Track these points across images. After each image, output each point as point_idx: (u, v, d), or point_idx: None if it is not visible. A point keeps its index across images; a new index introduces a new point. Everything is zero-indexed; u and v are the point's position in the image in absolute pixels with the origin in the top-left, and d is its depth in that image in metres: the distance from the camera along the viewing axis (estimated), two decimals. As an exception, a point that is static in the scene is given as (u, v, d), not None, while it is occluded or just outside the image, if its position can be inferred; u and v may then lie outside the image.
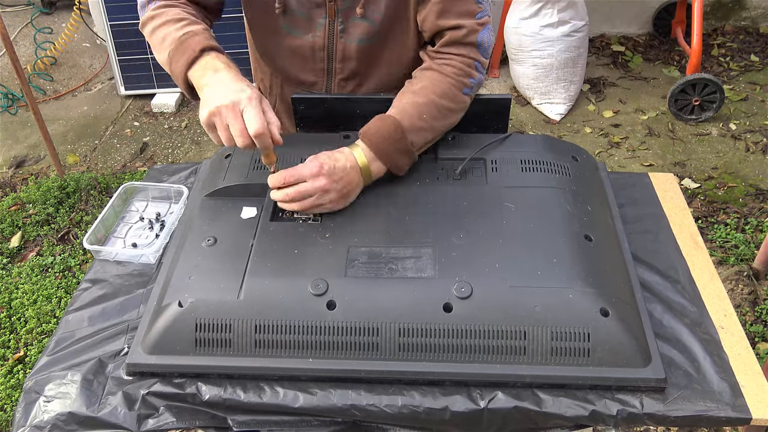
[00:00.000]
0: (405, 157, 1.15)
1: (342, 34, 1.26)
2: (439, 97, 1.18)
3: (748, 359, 1.01)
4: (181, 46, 1.13)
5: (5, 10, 4.37)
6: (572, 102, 3.43)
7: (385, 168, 1.15)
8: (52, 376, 1.03)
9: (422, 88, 1.19)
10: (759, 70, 3.68)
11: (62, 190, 2.94)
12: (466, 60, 1.21)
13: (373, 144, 1.13)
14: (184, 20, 1.18)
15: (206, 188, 1.22)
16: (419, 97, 1.18)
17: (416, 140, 1.16)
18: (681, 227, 1.27)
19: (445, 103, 1.18)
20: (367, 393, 0.97)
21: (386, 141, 1.13)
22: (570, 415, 0.94)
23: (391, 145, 1.13)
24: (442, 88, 1.19)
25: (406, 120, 1.15)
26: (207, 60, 1.11)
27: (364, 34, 1.26)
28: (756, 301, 2.33)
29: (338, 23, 1.26)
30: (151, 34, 1.21)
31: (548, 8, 3.19)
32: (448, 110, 1.19)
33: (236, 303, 0.99)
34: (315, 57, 1.31)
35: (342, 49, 1.29)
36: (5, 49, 2.62)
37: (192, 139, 3.41)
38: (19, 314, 2.42)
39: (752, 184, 2.89)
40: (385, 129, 1.13)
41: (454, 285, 0.97)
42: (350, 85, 1.35)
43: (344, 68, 1.32)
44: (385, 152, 1.13)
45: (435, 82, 1.19)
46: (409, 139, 1.14)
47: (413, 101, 1.17)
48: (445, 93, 1.19)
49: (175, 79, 1.16)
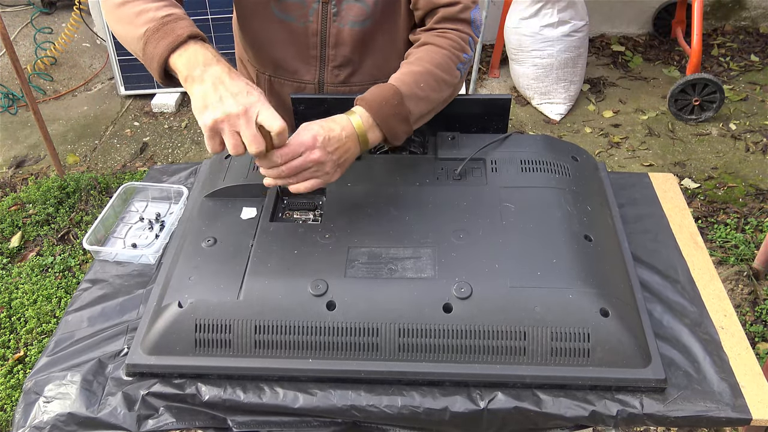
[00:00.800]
0: (402, 125, 1.12)
1: (335, 17, 1.26)
2: (436, 67, 1.17)
3: (748, 359, 1.01)
4: (164, 28, 1.05)
5: (5, 10, 4.37)
6: (572, 102, 3.43)
7: (381, 136, 1.12)
8: (52, 376, 1.03)
9: (418, 59, 1.18)
10: (759, 70, 3.68)
11: (62, 190, 2.94)
12: (460, 35, 1.21)
13: (372, 108, 1.09)
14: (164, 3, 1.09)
15: (206, 189, 1.22)
16: (416, 66, 1.17)
17: (414, 109, 1.13)
18: (681, 227, 1.27)
19: (440, 73, 1.17)
20: (367, 393, 0.97)
21: (385, 106, 1.10)
22: (570, 416, 0.94)
23: (390, 110, 1.10)
24: (438, 60, 1.18)
25: (405, 87, 1.13)
26: (195, 49, 1.03)
27: (358, 17, 1.26)
28: (756, 301, 2.33)
29: (331, 6, 1.25)
30: (120, 5, 1.10)
31: (548, 8, 3.19)
32: (443, 82, 1.18)
33: (236, 303, 0.99)
34: (308, 43, 1.31)
35: (335, 33, 1.28)
36: (5, 49, 2.62)
37: (192, 139, 3.41)
38: (19, 314, 2.42)
39: (752, 184, 2.89)
40: (384, 94, 1.11)
41: (453, 285, 0.97)
42: (343, 74, 1.34)
43: (337, 55, 1.32)
44: (383, 117, 1.10)
45: (431, 53, 1.19)
46: (407, 106, 1.12)
47: (410, 70, 1.16)
48: (440, 64, 1.17)
49: (148, 59, 1.07)
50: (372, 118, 1.10)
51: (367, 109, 1.10)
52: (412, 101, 1.12)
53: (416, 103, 1.13)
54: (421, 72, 1.16)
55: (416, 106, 1.13)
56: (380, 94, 1.11)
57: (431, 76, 1.16)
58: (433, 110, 1.19)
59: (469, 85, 3.29)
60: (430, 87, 1.15)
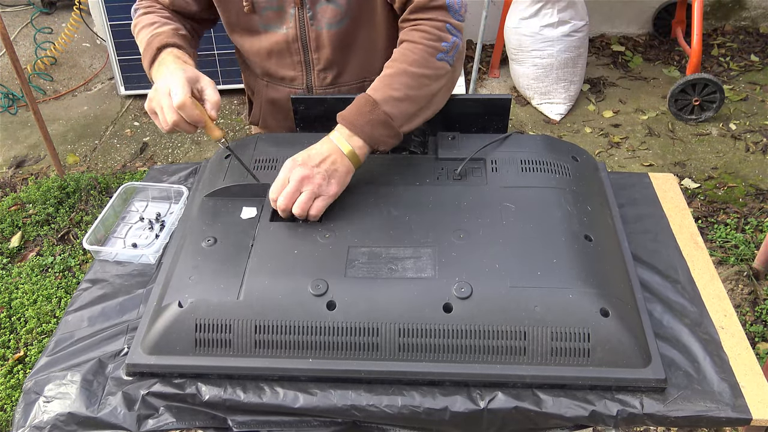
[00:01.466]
0: (383, 129, 1.14)
1: (312, 21, 1.27)
2: (410, 65, 1.17)
3: (748, 359, 1.01)
4: (147, 48, 1.25)
5: (5, 10, 4.37)
6: (572, 102, 3.43)
7: (363, 143, 1.14)
8: (52, 376, 1.03)
9: (392, 61, 1.20)
10: (759, 70, 3.68)
11: (62, 190, 2.94)
12: (435, 23, 1.19)
13: (346, 120, 1.13)
14: (155, 23, 1.30)
15: (206, 188, 1.22)
16: (389, 70, 1.18)
17: (393, 111, 1.14)
18: (681, 227, 1.27)
19: (417, 70, 1.17)
20: (367, 393, 0.97)
21: (358, 115, 1.13)
22: (570, 416, 0.94)
23: (364, 118, 1.13)
24: (412, 57, 1.18)
25: (377, 93, 1.14)
26: (162, 56, 1.22)
27: (333, 17, 1.27)
28: (756, 301, 2.33)
29: (306, 10, 1.27)
30: (137, 40, 1.33)
31: (548, 8, 3.19)
32: (423, 77, 1.17)
33: (236, 303, 0.99)
34: (291, 49, 1.32)
35: (315, 37, 1.30)
36: (5, 49, 2.62)
37: (192, 139, 3.41)
38: (19, 314, 2.42)
39: (752, 184, 2.89)
40: (356, 104, 1.14)
41: (454, 285, 0.97)
42: (330, 76, 1.36)
43: (320, 58, 1.33)
44: (359, 126, 1.13)
45: (405, 53, 1.19)
46: (383, 109, 1.13)
47: (383, 75, 1.18)
48: (416, 61, 1.17)
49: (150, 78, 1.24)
50: (348, 129, 1.13)
51: (342, 121, 1.14)
52: (388, 104, 1.14)
53: (394, 105, 1.14)
54: (394, 74, 1.17)
55: (395, 107, 1.14)
56: (354, 105, 1.15)
57: (406, 75, 1.16)
58: (424, 107, 1.19)
59: (469, 85, 3.29)
60: (407, 85, 1.15)
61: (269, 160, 1.23)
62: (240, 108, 3.62)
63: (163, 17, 1.32)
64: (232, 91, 3.60)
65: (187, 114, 1.12)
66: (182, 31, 1.31)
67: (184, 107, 1.11)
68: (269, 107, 1.46)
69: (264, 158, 1.23)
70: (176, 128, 1.13)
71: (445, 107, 1.25)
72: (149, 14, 1.33)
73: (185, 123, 1.13)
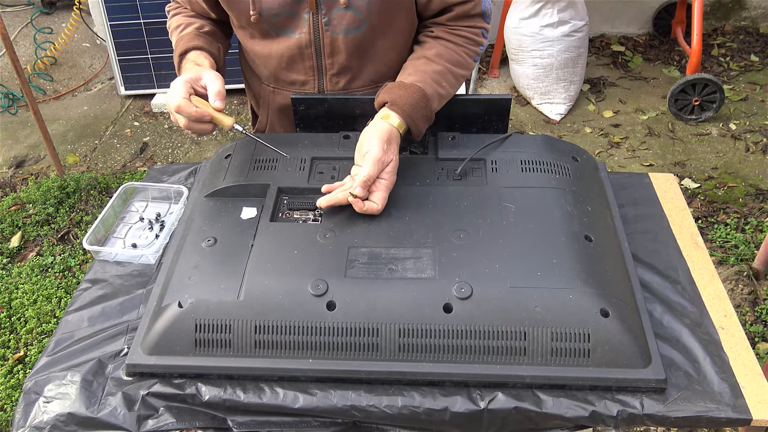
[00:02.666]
0: (427, 123, 1.21)
1: (327, 26, 1.26)
2: (455, 65, 1.25)
3: (748, 360, 1.01)
4: (175, 55, 1.29)
5: (5, 10, 4.37)
6: (572, 102, 3.43)
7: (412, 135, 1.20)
8: (52, 376, 1.03)
9: (437, 55, 1.25)
10: (759, 70, 3.68)
11: (62, 190, 2.94)
12: (475, 30, 1.28)
13: (405, 112, 1.17)
14: (180, 26, 1.32)
15: (206, 188, 1.22)
16: (436, 65, 1.24)
17: (437, 107, 1.23)
18: (681, 227, 1.26)
19: (459, 71, 1.26)
20: (367, 394, 0.97)
21: (416, 109, 1.18)
22: (570, 416, 0.94)
23: (419, 112, 1.18)
24: (456, 58, 1.26)
25: (429, 88, 1.20)
26: (183, 64, 1.26)
27: (351, 24, 1.25)
28: (756, 301, 2.33)
29: (321, 16, 1.25)
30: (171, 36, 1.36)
31: (548, 8, 3.19)
32: (461, 77, 1.27)
33: (236, 303, 0.98)
34: (303, 55, 1.31)
35: (329, 42, 1.28)
36: (5, 49, 2.62)
37: (192, 139, 3.41)
38: (19, 314, 2.42)
39: (752, 184, 2.89)
40: (414, 98, 1.18)
41: (454, 285, 0.97)
42: (342, 81, 1.35)
43: (334, 63, 1.32)
44: (414, 120, 1.18)
45: (450, 51, 1.26)
46: (433, 106, 1.20)
47: (432, 69, 1.23)
48: (459, 62, 1.26)
49: None
50: (405, 122, 1.17)
51: (400, 113, 1.17)
52: (435, 101, 1.21)
53: (439, 101, 1.23)
54: (442, 71, 1.23)
55: (439, 103, 1.23)
56: (410, 99, 1.18)
57: (451, 75, 1.24)
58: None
59: (469, 85, 3.29)
60: (450, 84, 1.24)
61: (269, 160, 1.23)
62: (240, 108, 3.62)
63: (187, 17, 1.35)
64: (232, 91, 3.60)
65: (186, 114, 1.13)
66: (206, 28, 1.34)
67: (181, 109, 1.13)
68: (277, 114, 1.45)
69: (264, 158, 1.23)
70: (193, 130, 1.15)
71: (445, 107, 1.25)
72: (176, 16, 1.37)
73: (194, 123, 1.15)
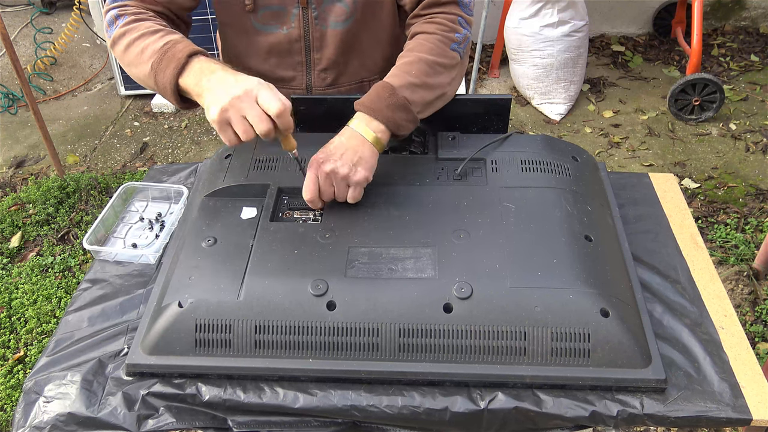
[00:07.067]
0: (402, 112, 1.13)
1: (317, 20, 1.26)
2: (427, 53, 1.19)
3: (748, 360, 1.01)
4: (166, 56, 1.10)
5: (5, 10, 4.37)
6: (572, 102, 3.43)
7: (384, 126, 1.13)
8: (52, 376, 1.03)
9: (409, 50, 1.21)
10: (759, 70, 3.68)
11: (62, 190, 2.94)
12: (448, 16, 1.23)
13: (365, 106, 1.13)
14: (160, 31, 1.15)
15: (206, 188, 1.22)
16: (405, 59, 1.19)
17: (411, 96, 1.15)
18: (681, 227, 1.27)
19: (433, 58, 1.19)
20: (367, 393, 0.97)
21: (378, 100, 1.13)
22: (570, 416, 0.94)
23: (383, 102, 1.12)
24: (428, 46, 1.20)
25: (395, 78, 1.15)
26: (197, 65, 1.08)
27: (339, 16, 1.26)
28: (756, 301, 2.33)
29: (312, 10, 1.25)
30: (125, 49, 1.16)
31: (548, 8, 3.19)
32: (438, 65, 1.19)
33: (236, 303, 0.98)
34: (292, 50, 1.31)
35: (319, 36, 1.29)
36: (5, 49, 2.62)
37: (192, 139, 3.41)
38: (19, 314, 2.42)
39: (752, 184, 2.89)
40: (375, 91, 1.14)
41: (454, 285, 0.97)
42: (330, 76, 1.35)
43: (322, 58, 1.32)
44: (378, 110, 1.12)
45: (421, 43, 1.21)
46: (401, 94, 1.14)
47: (400, 63, 1.19)
48: (432, 49, 1.20)
49: (162, 89, 1.12)
50: (367, 115, 1.12)
51: (361, 108, 1.13)
52: (407, 90, 1.14)
53: (412, 90, 1.15)
54: (411, 61, 1.18)
55: (413, 93, 1.15)
56: (372, 92, 1.14)
57: (423, 63, 1.18)
58: (439, 97, 1.21)
59: (469, 85, 3.29)
60: (424, 72, 1.17)
61: (269, 160, 1.23)
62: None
63: (161, 24, 1.19)
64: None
65: (283, 122, 1.03)
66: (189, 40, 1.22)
67: (283, 115, 1.02)
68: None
69: (264, 158, 1.23)
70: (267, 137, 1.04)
71: (445, 107, 1.25)
72: (145, 21, 1.18)
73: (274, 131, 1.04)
